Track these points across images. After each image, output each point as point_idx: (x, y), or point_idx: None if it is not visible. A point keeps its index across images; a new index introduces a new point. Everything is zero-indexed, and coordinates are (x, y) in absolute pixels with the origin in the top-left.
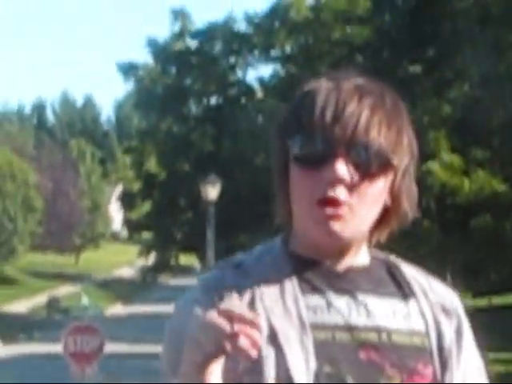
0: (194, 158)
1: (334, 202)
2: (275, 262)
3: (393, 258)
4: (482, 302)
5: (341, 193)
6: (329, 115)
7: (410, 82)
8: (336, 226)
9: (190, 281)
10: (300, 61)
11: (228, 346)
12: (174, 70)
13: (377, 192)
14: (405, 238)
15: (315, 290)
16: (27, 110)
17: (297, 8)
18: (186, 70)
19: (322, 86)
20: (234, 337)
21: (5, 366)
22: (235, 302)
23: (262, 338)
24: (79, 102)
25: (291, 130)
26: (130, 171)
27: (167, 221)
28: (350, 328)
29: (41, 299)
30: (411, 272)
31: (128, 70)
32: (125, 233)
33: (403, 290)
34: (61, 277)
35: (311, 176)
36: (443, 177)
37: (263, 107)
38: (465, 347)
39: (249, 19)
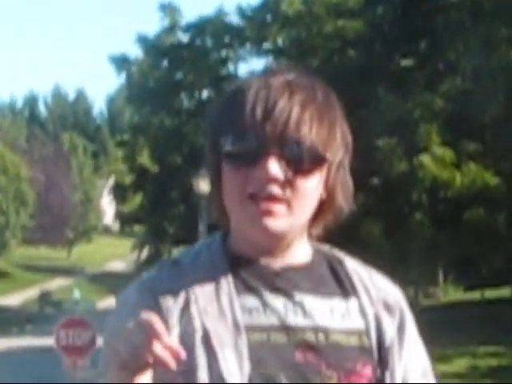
0: (186, 151)
1: (269, 199)
2: (212, 261)
3: (336, 251)
4: (475, 295)
5: (275, 190)
6: (259, 112)
7: (402, 75)
8: (270, 221)
9: None
10: (292, 54)
11: (149, 359)
12: (165, 63)
13: (311, 188)
14: (396, 232)
15: (251, 290)
16: (19, 103)
17: (289, 1)
18: (177, 63)
19: (253, 83)
20: (152, 349)
21: None
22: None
23: (195, 339)
24: (71, 96)
25: (222, 127)
26: (122, 165)
27: (159, 214)
28: (286, 328)
29: (33, 293)
30: (354, 267)
31: (120, 62)
32: (117, 226)
33: (344, 288)
34: (53, 270)
35: (243, 173)
36: (435, 170)
37: None
38: (407, 344)
39: (241, 12)
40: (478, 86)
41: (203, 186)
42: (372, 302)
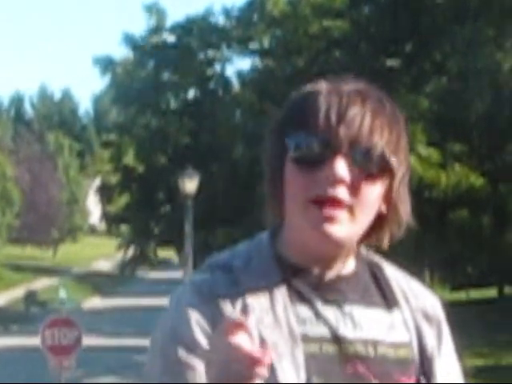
0: (171, 151)
1: (333, 202)
2: (264, 269)
3: (375, 257)
4: (461, 295)
5: (341, 192)
6: (333, 116)
7: (387, 75)
8: (332, 228)
9: (168, 274)
10: (278, 54)
11: (263, 373)
12: (151, 64)
13: (376, 196)
14: None
15: (304, 299)
16: (5, 103)
17: (274, 1)
18: (163, 63)
19: (324, 88)
20: (261, 364)
21: None
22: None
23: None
24: (57, 96)
25: (291, 128)
26: (108, 165)
27: (145, 214)
28: (337, 340)
29: (18, 292)
30: (394, 275)
31: (104, 63)
32: (103, 226)
33: (387, 298)
34: (38, 270)
35: (309, 175)
36: (420, 170)
37: (241, 101)
38: (444, 354)
39: (226, 12)
40: (463, 87)
41: (189, 186)
42: (412, 312)
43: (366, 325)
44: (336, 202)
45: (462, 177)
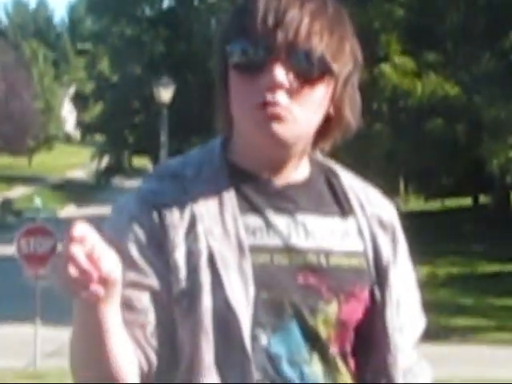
0: (146, 60)
1: (274, 105)
2: (214, 176)
3: (331, 163)
4: (435, 205)
5: (280, 96)
6: (269, 20)
7: None
8: (277, 126)
9: None
10: None
11: (94, 288)
12: None
13: (317, 98)
14: (356, 141)
15: (254, 208)
16: None
17: None
18: None
19: None
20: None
21: None
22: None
23: (200, 260)
24: (32, 4)
25: (231, 35)
26: (83, 73)
27: (119, 123)
28: (289, 250)
29: None
30: (349, 182)
31: None
32: (78, 135)
33: (342, 206)
34: (14, 179)
35: (250, 81)
36: (395, 79)
37: (216, 9)
38: (400, 262)
39: None
40: None
41: (164, 95)
42: (367, 220)
43: (319, 234)
44: (277, 105)
45: (436, 86)
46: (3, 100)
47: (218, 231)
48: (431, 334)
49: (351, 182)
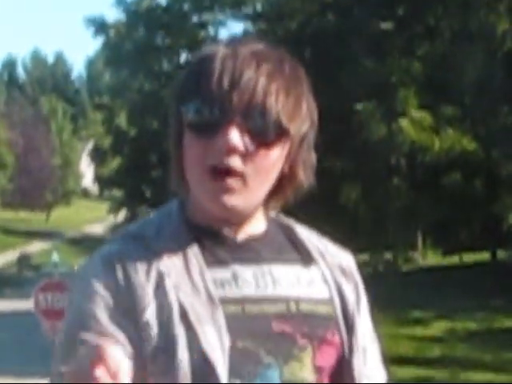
0: (164, 114)
1: (227, 172)
2: (176, 233)
3: (285, 219)
4: (453, 259)
5: (234, 162)
6: (225, 81)
7: (380, 39)
8: (229, 199)
9: None
10: (271, 18)
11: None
12: (143, 26)
13: (272, 161)
14: (374, 196)
15: (219, 262)
16: None
17: None
18: (155, 26)
19: (220, 52)
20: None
21: None
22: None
23: (172, 315)
24: (50, 59)
25: (186, 95)
26: (101, 128)
27: (137, 177)
28: (258, 300)
29: (12, 256)
30: (306, 235)
31: (96, 25)
32: (96, 189)
33: (303, 256)
34: (32, 234)
35: (204, 144)
36: (413, 134)
37: None
38: (363, 308)
39: None
40: (456, 50)
41: None
42: (330, 269)
43: (285, 282)
44: (230, 172)
45: (454, 140)
46: (22, 155)
47: (186, 286)
48: None
49: (308, 235)
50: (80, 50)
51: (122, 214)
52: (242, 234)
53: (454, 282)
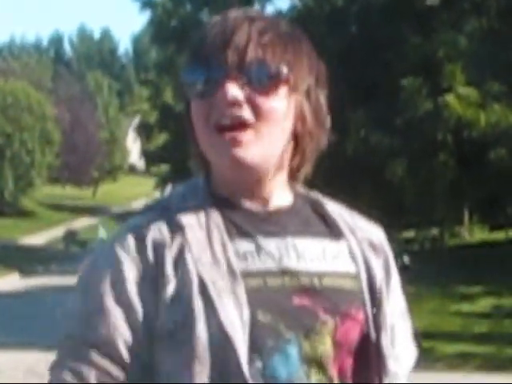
0: None
1: (235, 126)
2: (200, 205)
3: (316, 194)
4: (500, 235)
5: (237, 113)
6: (218, 41)
7: (426, 14)
8: (238, 151)
9: None
10: None
11: None
12: (189, 3)
13: (280, 113)
14: (421, 172)
15: (243, 234)
16: (44, 43)
17: None
18: (201, 3)
19: (213, 20)
20: None
21: (22, 298)
22: None
23: (192, 290)
24: (97, 35)
25: (188, 64)
26: (147, 103)
27: (183, 153)
28: (281, 273)
29: (58, 232)
30: (336, 209)
31: (142, 1)
32: (142, 165)
33: (332, 229)
34: (78, 209)
35: (207, 104)
36: (459, 110)
37: None
38: (393, 285)
39: None
40: (503, 26)
41: None
42: (359, 243)
43: (310, 256)
44: (238, 125)
45: (501, 116)
46: (68, 131)
47: (207, 259)
48: (497, 366)
49: (338, 210)
50: (126, 26)
51: (168, 190)
52: (267, 206)
53: (500, 257)
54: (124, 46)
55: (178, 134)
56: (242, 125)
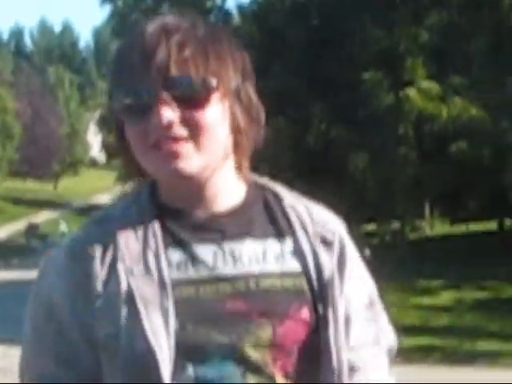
0: None
1: (173, 141)
2: (140, 214)
3: (274, 185)
4: (461, 228)
5: (175, 131)
6: (139, 63)
7: (387, 8)
8: (177, 163)
9: None
10: None
11: None
12: None
13: (214, 120)
14: (382, 166)
15: (179, 242)
16: (5, 36)
17: None
18: None
19: (131, 34)
20: None
21: None
22: None
23: (120, 301)
24: (57, 29)
25: (113, 83)
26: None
27: None
28: (215, 280)
29: (19, 226)
30: (291, 202)
31: None
32: (103, 159)
33: (279, 227)
34: (39, 203)
35: (140, 125)
36: (421, 103)
37: (241, 34)
38: (348, 277)
39: None
40: (463, 19)
41: None
42: (309, 239)
43: (248, 259)
44: (176, 139)
45: (462, 109)
46: (29, 125)
47: (138, 270)
48: (458, 359)
49: (293, 203)
50: (87, 20)
51: (129, 183)
52: (207, 211)
53: (461, 251)
54: (85, 39)
55: None
56: (180, 139)
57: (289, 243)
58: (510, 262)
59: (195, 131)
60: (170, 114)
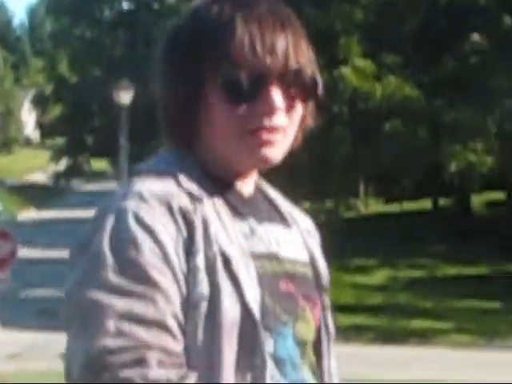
0: (106, 62)
1: (271, 129)
2: (202, 184)
3: (259, 179)
4: (395, 207)
5: (278, 120)
6: (259, 47)
7: None
8: (270, 151)
9: (103, 186)
10: None
11: None
12: None
13: (299, 114)
14: (316, 144)
15: (240, 215)
16: None
17: None
18: None
19: (236, 15)
20: None
21: None
22: None
23: (217, 264)
24: None
25: (208, 59)
26: (43, 76)
27: (78, 126)
28: (271, 257)
29: None
30: (276, 196)
31: None
32: (38, 138)
33: (283, 218)
34: None
35: (244, 108)
36: (355, 82)
37: (176, 12)
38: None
39: None
40: None
41: (124, 97)
42: (301, 232)
43: (283, 242)
44: (274, 129)
45: (396, 88)
46: None
47: (223, 235)
48: (392, 337)
49: (277, 196)
50: None
51: (63, 163)
52: (248, 189)
53: (395, 230)
54: (19, 17)
55: (74, 107)
56: (278, 128)
57: (295, 233)
58: (444, 241)
59: (290, 121)
60: (280, 100)
